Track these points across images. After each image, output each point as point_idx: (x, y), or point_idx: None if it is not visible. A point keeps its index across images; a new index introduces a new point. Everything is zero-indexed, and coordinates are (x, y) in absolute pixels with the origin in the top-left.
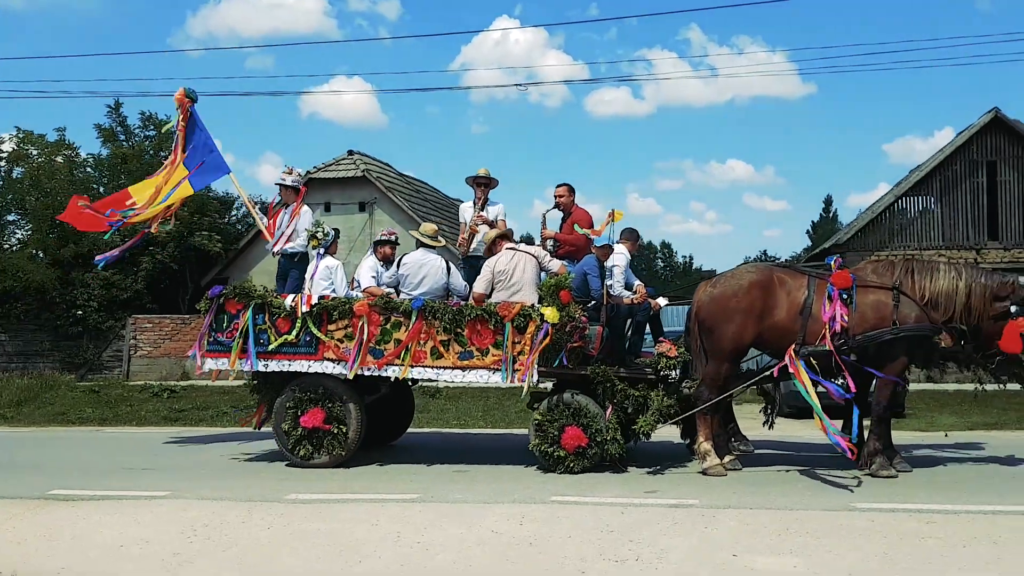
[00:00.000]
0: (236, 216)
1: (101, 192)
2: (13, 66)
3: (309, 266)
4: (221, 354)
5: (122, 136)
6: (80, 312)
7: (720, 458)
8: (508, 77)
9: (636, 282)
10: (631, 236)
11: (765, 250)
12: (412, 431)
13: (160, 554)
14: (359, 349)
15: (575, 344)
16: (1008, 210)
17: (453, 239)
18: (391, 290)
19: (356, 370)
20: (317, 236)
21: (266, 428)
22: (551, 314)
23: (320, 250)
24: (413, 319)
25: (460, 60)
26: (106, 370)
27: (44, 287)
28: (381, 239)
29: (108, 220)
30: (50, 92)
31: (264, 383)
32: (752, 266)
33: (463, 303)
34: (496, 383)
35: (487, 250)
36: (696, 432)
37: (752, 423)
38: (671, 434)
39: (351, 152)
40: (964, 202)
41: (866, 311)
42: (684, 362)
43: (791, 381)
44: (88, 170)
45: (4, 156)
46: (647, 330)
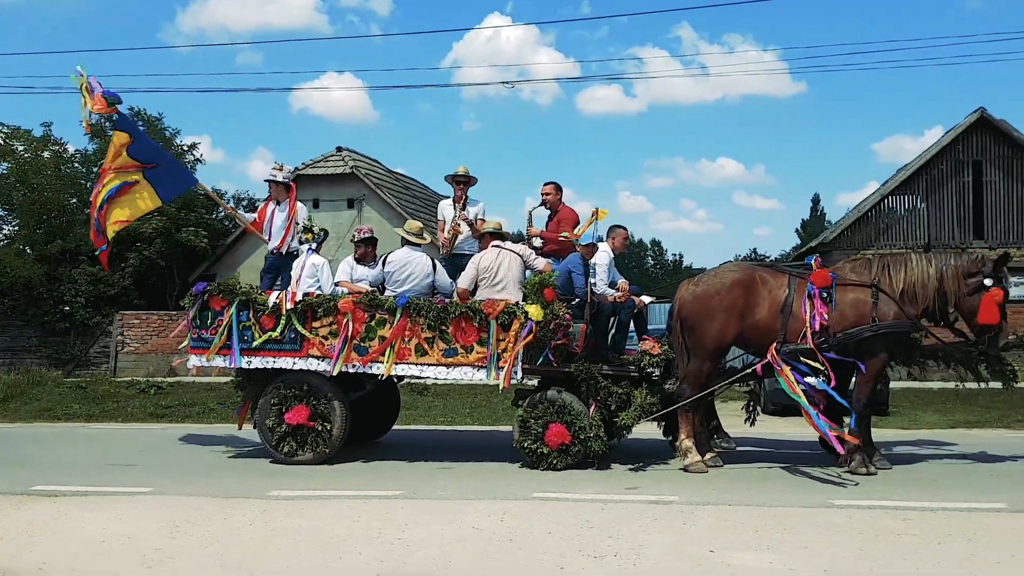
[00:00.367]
0: (223, 212)
1: (88, 187)
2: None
3: (296, 261)
4: (205, 351)
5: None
6: (67, 308)
7: (701, 455)
8: (500, 74)
9: (620, 280)
10: (615, 233)
11: (755, 248)
12: (398, 428)
13: (141, 550)
14: (343, 346)
15: (559, 342)
16: (993, 209)
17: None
18: (369, 288)
19: (340, 367)
20: (313, 230)
21: (247, 425)
22: (535, 312)
23: (312, 245)
24: (398, 316)
25: (451, 57)
26: (93, 366)
27: (31, 283)
28: (359, 239)
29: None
30: (37, 88)
31: (249, 380)
32: (734, 265)
33: (448, 300)
34: (481, 380)
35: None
36: (678, 429)
37: (736, 420)
38: (654, 431)
39: (340, 149)
40: (950, 201)
41: (845, 309)
42: (667, 360)
43: (775, 379)
44: (76, 165)
45: None
46: (631, 328)
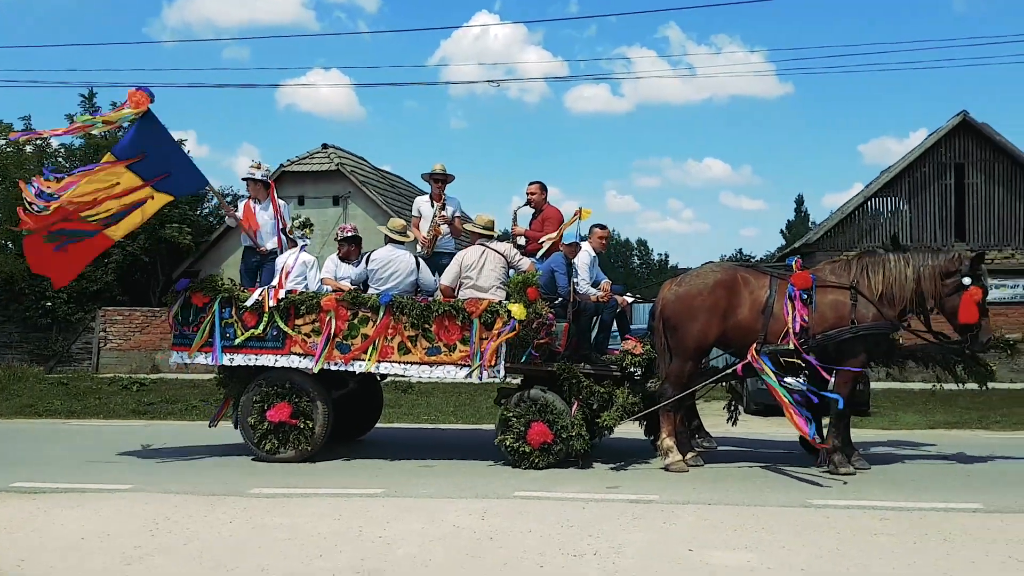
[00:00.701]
0: (208, 208)
1: None
2: None
3: (287, 256)
4: (187, 348)
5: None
6: (49, 304)
7: (682, 455)
8: (487, 72)
9: (603, 280)
10: (594, 232)
11: (741, 249)
12: (381, 426)
13: (121, 547)
14: (326, 343)
15: (542, 341)
16: (975, 212)
17: None
18: (349, 284)
19: (322, 364)
20: (311, 226)
21: (225, 423)
22: (518, 311)
23: (307, 241)
24: (381, 314)
25: (439, 54)
26: (75, 362)
27: (12, 278)
28: (342, 237)
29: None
30: (20, 81)
31: (231, 377)
32: (716, 265)
33: (431, 299)
34: (464, 379)
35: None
36: (659, 429)
37: (717, 420)
38: (635, 431)
39: (325, 146)
40: (932, 203)
41: (825, 311)
42: (649, 359)
43: (757, 379)
44: (60, 160)
45: None
46: (614, 327)
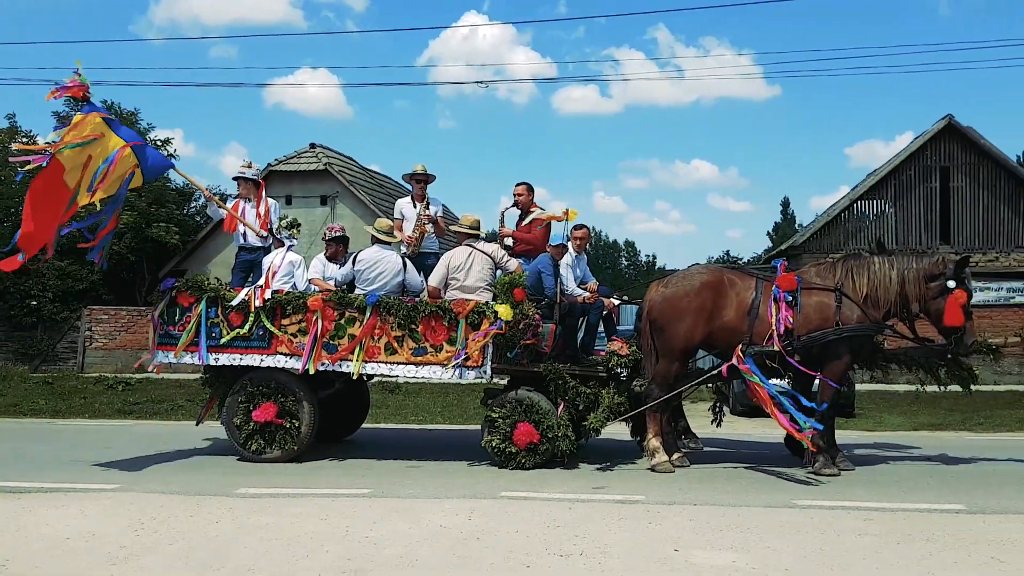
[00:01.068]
0: (195, 208)
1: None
2: None
3: (273, 255)
4: (173, 347)
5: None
6: (35, 302)
7: (668, 455)
8: (476, 73)
9: (591, 281)
10: (575, 233)
11: (728, 251)
12: (368, 426)
13: (106, 547)
14: (314, 344)
15: (529, 342)
16: (960, 215)
17: None
18: (336, 286)
19: (311, 365)
20: (298, 226)
21: (211, 422)
22: (505, 311)
23: (294, 241)
24: (368, 314)
25: (428, 54)
26: (61, 361)
27: None
28: (331, 237)
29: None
30: (7, 79)
31: (217, 377)
32: (703, 267)
33: (418, 299)
34: (450, 379)
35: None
36: (645, 430)
37: (703, 421)
38: (621, 432)
39: (313, 145)
40: (918, 206)
41: (810, 313)
42: (636, 360)
43: (743, 380)
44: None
45: None
46: (600, 328)
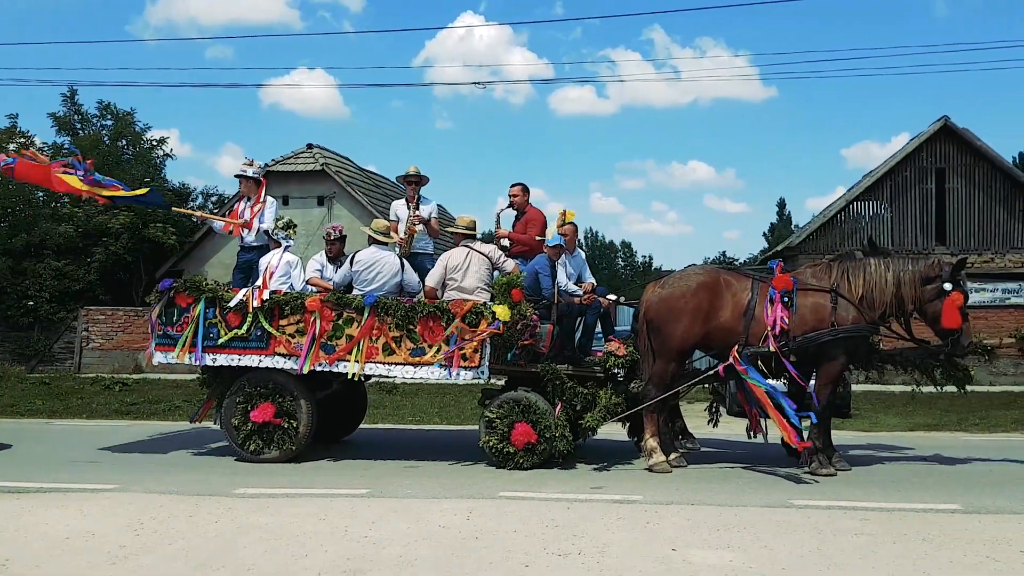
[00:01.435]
0: (192, 207)
1: None
2: None
3: (271, 256)
4: (171, 347)
5: (78, 125)
6: (31, 303)
7: (666, 455)
8: (472, 73)
9: (587, 280)
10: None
11: (724, 251)
12: (365, 427)
13: (106, 547)
14: (312, 344)
15: (526, 342)
16: (955, 216)
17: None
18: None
19: (306, 366)
20: (295, 226)
21: (207, 422)
22: (503, 312)
23: (291, 242)
24: (365, 315)
25: (424, 55)
26: (57, 362)
27: None
28: (336, 237)
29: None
30: (3, 80)
31: (215, 377)
32: (699, 268)
33: (415, 299)
34: (448, 380)
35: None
36: (643, 430)
37: (700, 421)
38: (619, 432)
39: (310, 146)
40: (913, 207)
41: (805, 313)
42: (632, 361)
43: (738, 383)
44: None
45: None
46: (597, 329)
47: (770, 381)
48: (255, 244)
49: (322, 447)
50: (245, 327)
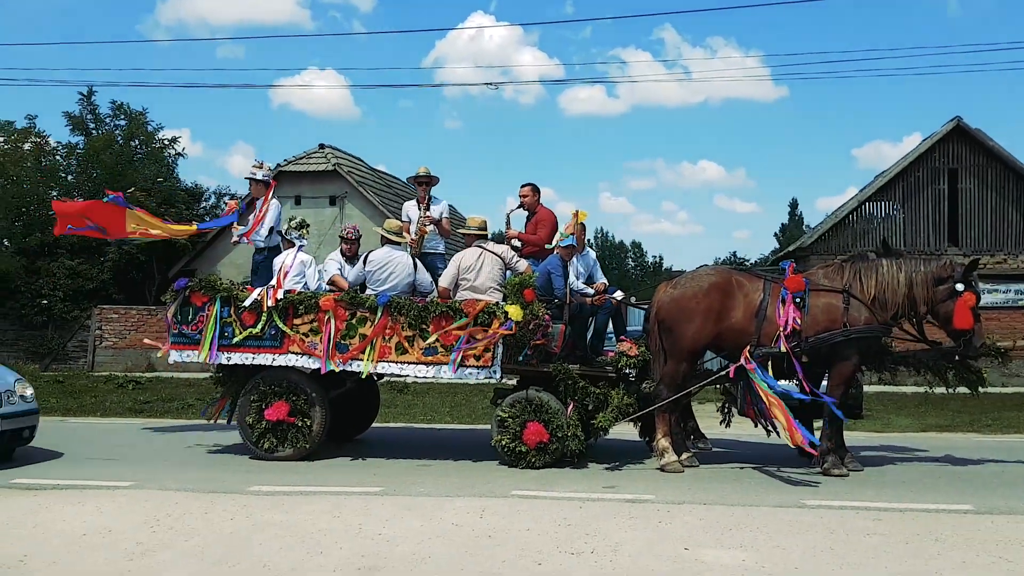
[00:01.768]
0: (204, 208)
1: (69, 180)
2: None
3: (284, 256)
4: (186, 346)
5: (92, 124)
6: (45, 301)
7: (677, 455)
8: (482, 74)
9: (598, 280)
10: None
11: (735, 252)
12: (377, 426)
13: (123, 543)
14: (330, 344)
15: (539, 342)
16: (968, 217)
17: None
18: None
19: (328, 365)
20: (307, 226)
21: (221, 421)
22: (515, 312)
23: (304, 241)
24: (379, 314)
25: (434, 55)
26: (71, 360)
27: (9, 276)
28: (343, 235)
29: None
30: (18, 80)
31: (229, 376)
32: (711, 268)
33: (428, 299)
34: (461, 379)
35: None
36: (654, 430)
37: (712, 422)
38: (630, 432)
39: (322, 146)
40: (926, 208)
41: (817, 314)
42: (644, 361)
43: (746, 388)
44: (57, 158)
45: None
46: (610, 328)
47: (782, 383)
48: (263, 245)
49: (335, 445)
50: (259, 326)
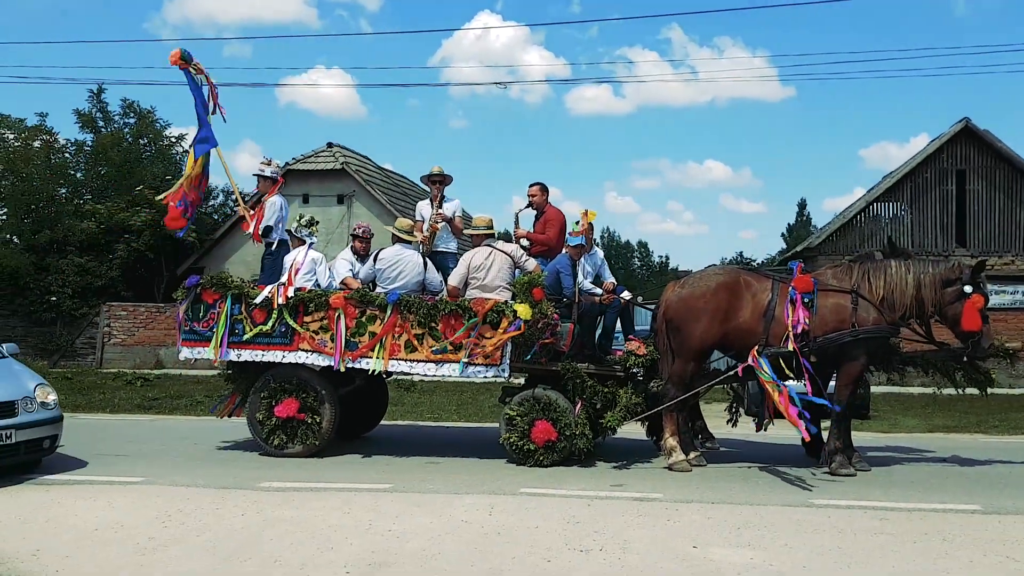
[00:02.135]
0: (213, 206)
1: (78, 177)
2: None
3: (295, 253)
4: (196, 343)
5: (101, 122)
6: (54, 298)
7: (685, 454)
8: (489, 73)
9: (607, 279)
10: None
11: (741, 252)
12: (386, 423)
13: (134, 538)
14: (343, 343)
15: (547, 340)
16: (976, 218)
17: None
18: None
19: (341, 363)
20: (316, 223)
21: (236, 418)
22: (524, 311)
23: (313, 239)
24: (388, 313)
25: (440, 54)
26: (79, 357)
27: (18, 272)
28: (356, 234)
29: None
30: (30, 77)
31: (239, 373)
32: (720, 268)
33: (438, 298)
34: (471, 378)
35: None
36: (662, 429)
37: (719, 421)
38: (638, 430)
39: (330, 144)
40: (934, 209)
41: (826, 314)
42: (652, 360)
43: (757, 383)
44: (66, 156)
45: None
46: (618, 327)
47: (790, 383)
48: (268, 242)
49: (344, 442)
50: (270, 323)
